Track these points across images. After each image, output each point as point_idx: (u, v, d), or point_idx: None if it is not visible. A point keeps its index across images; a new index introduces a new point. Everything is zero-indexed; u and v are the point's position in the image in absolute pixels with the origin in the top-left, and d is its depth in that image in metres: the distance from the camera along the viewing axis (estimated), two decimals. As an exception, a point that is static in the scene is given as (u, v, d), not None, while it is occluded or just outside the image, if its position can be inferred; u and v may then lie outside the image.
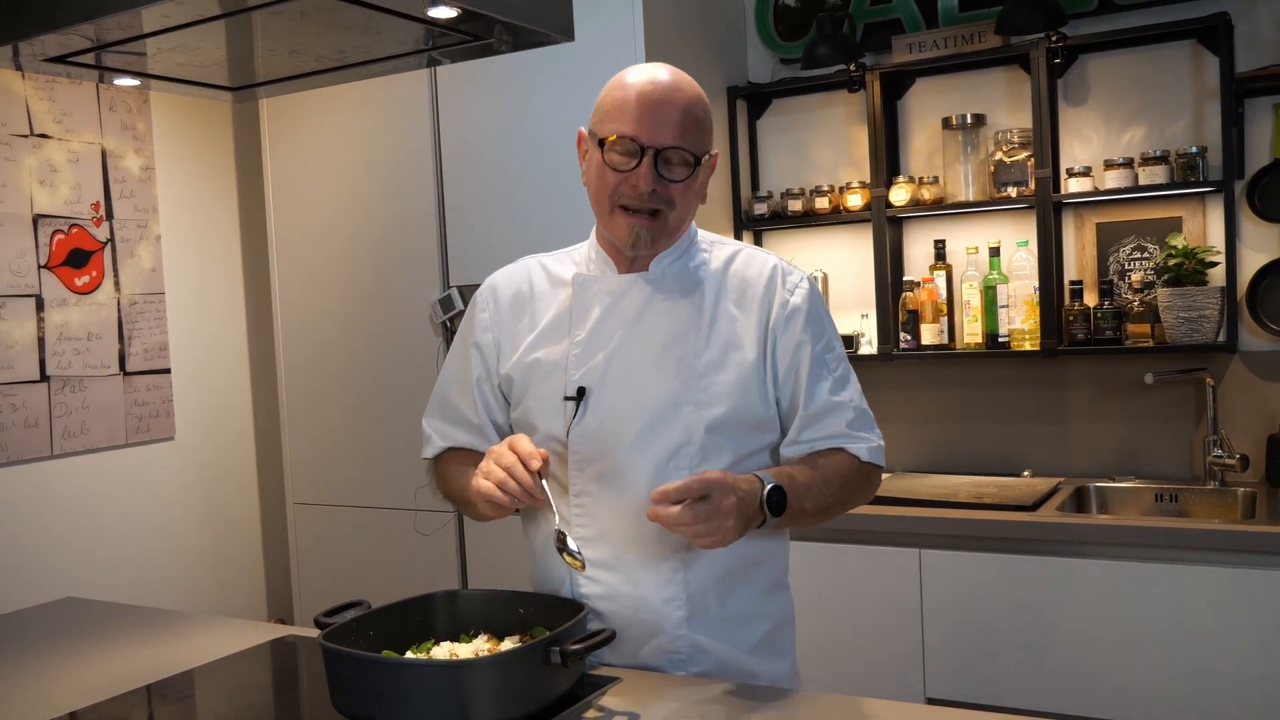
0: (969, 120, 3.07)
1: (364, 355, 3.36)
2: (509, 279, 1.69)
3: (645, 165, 1.49)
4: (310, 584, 3.54)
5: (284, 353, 3.54)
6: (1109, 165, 2.87)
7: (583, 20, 2.06)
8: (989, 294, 3.02)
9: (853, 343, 3.19)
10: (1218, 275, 2.81)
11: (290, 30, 1.67)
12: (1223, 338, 2.78)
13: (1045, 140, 2.91)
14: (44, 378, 3.16)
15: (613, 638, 1.36)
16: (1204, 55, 2.86)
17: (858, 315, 3.24)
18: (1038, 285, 2.95)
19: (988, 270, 3.04)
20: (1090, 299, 2.98)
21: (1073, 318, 2.91)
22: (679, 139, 1.50)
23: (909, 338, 3.11)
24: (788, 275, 1.60)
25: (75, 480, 3.25)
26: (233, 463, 3.76)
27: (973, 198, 3.06)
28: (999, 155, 3.01)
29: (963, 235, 3.15)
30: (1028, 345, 2.96)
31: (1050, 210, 2.91)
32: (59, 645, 1.86)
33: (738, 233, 3.32)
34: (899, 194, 3.10)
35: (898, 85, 3.22)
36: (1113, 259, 2.99)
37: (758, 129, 3.41)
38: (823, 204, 3.21)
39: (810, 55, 3.13)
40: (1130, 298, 2.90)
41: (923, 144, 3.22)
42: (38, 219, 3.16)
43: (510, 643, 1.43)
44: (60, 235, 3.22)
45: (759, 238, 3.38)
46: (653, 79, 1.52)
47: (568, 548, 1.46)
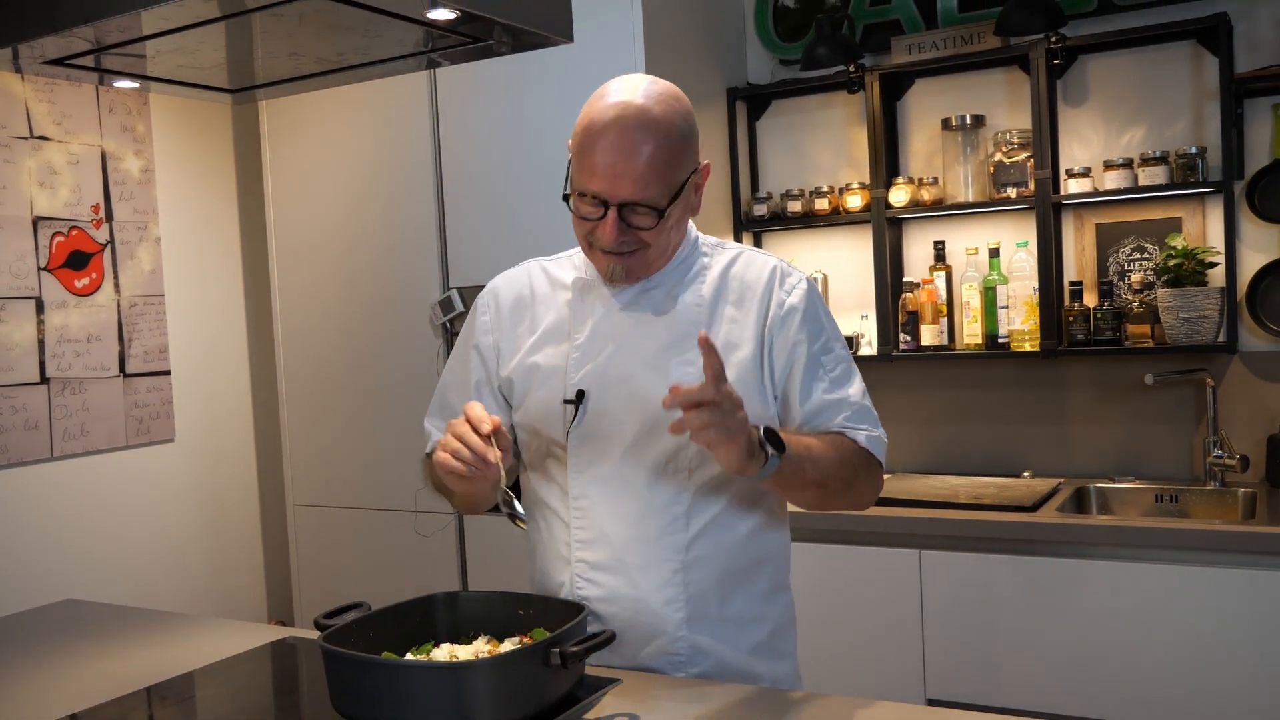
0: (968, 121, 3.07)
1: (364, 356, 3.36)
2: (510, 283, 1.70)
3: (610, 219, 1.47)
4: (310, 586, 3.54)
5: (284, 354, 3.54)
6: (1108, 166, 2.87)
7: (582, 22, 2.07)
8: (989, 295, 3.02)
9: (853, 344, 3.19)
10: (1217, 276, 2.81)
11: (289, 32, 1.67)
12: (1223, 338, 2.78)
13: (1045, 141, 2.91)
14: (44, 380, 3.16)
15: (612, 639, 1.36)
16: (1203, 56, 2.86)
17: (857, 316, 3.24)
18: (1037, 286, 2.95)
19: (987, 271, 3.04)
20: (1090, 300, 2.98)
21: (1072, 318, 2.91)
22: (640, 193, 1.45)
23: (909, 339, 3.11)
24: (786, 276, 1.59)
25: (75, 482, 3.25)
26: (233, 464, 3.76)
27: (972, 198, 3.06)
28: (998, 156, 3.01)
29: (962, 236, 3.15)
30: (1027, 346, 2.96)
31: (1050, 211, 2.91)
32: (59, 647, 1.86)
33: (737, 234, 3.32)
34: (898, 195, 3.10)
35: (897, 86, 3.22)
36: (1112, 260, 2.99)
37: (757, 130, 3.41)
38: (822, 205, 3.21)
39: (810, 56, 3.13)
40: (1130, 298, 2.90)
41: (922, 145, 3.22)
42: (37, 221, 3.16)
43: (510, 644, 1.43)
44: (60, 237, 3.22)
45: (758, 239, 3.38)
46: (620, 119, 1.44)
47: (514, 510, 1.44)
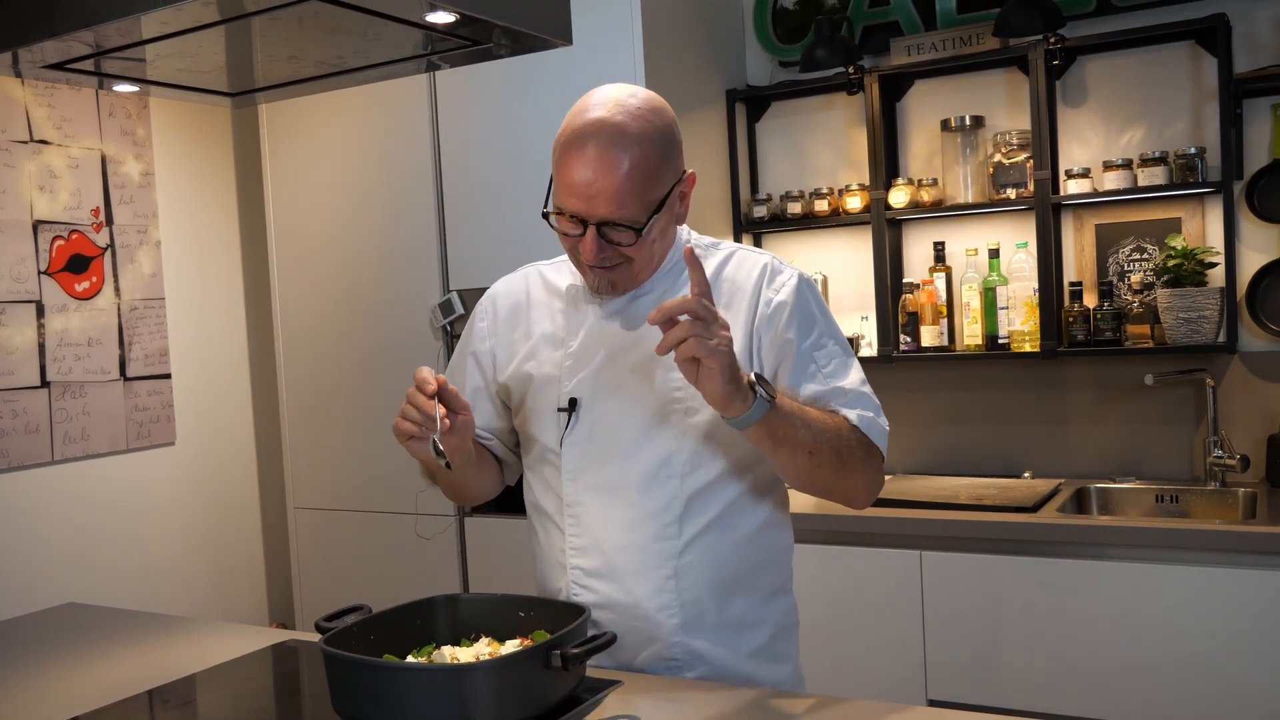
0: (968, 122, 3.07)
1: (364, 359, 3.36)
2: (508, 289, 1.71)
3: (590, 237, 1.46)
4: (311, 588, 3.53)
5: (284, 356, 3.54)
6: (1108, 166, 2.87)
7: (581, 24, 2.07)
8: (988, 295, 3.02)
9: (853, 345, 3.17)
10: (1217, 276, 2.81)
11: (289, 36, 1.67)
12: (1222, 338, 2.78)
13: (1044, 142, 2.91)
14: (44, 383, 3.17)
15: (613, 641, 1.36)
16: (1202, 56, 2.86)
17: (858, 317, 3.24)
18: (1037, 287, 2.95)
19: (987, 272, 3.05)
20: (1090, 300, 2.98)
21: (1072, 319, 2.92)
22: (617, 212, 1.44)
23: (909, 340, 3.11)
24: (776, 274, 1.57)
25: (76, 486, 3.25)
26: (234, 467, 3.76)
27: (972, 199, 3.06)
28: (998, 157, 3.02)
29: (962, 237, 3.15)
30: (1027, 347, 2.96)
31: (1049, 212, 2.91)
32: (60, 651, 1.86)
33: (737, 236, 3.32)
34: (898, 196, 3.10)
35: (896, 87, 3.22)
36: (1112, 260, 2.99)
37: (756, 132, 3.42)
38: (822, 206, 3.22)
39: (809, 58, 3.13)
40: (1130, 299, 2.90)
41: (922, 146, 3.22)
42: (38, 225, 3.16)
43: (511, 646, 1.43)
44: (60, 241, 3.22)
45: (758, 240, 3.39)
46: (595, 137, 1.44)
47: (438, 450, 1.43)
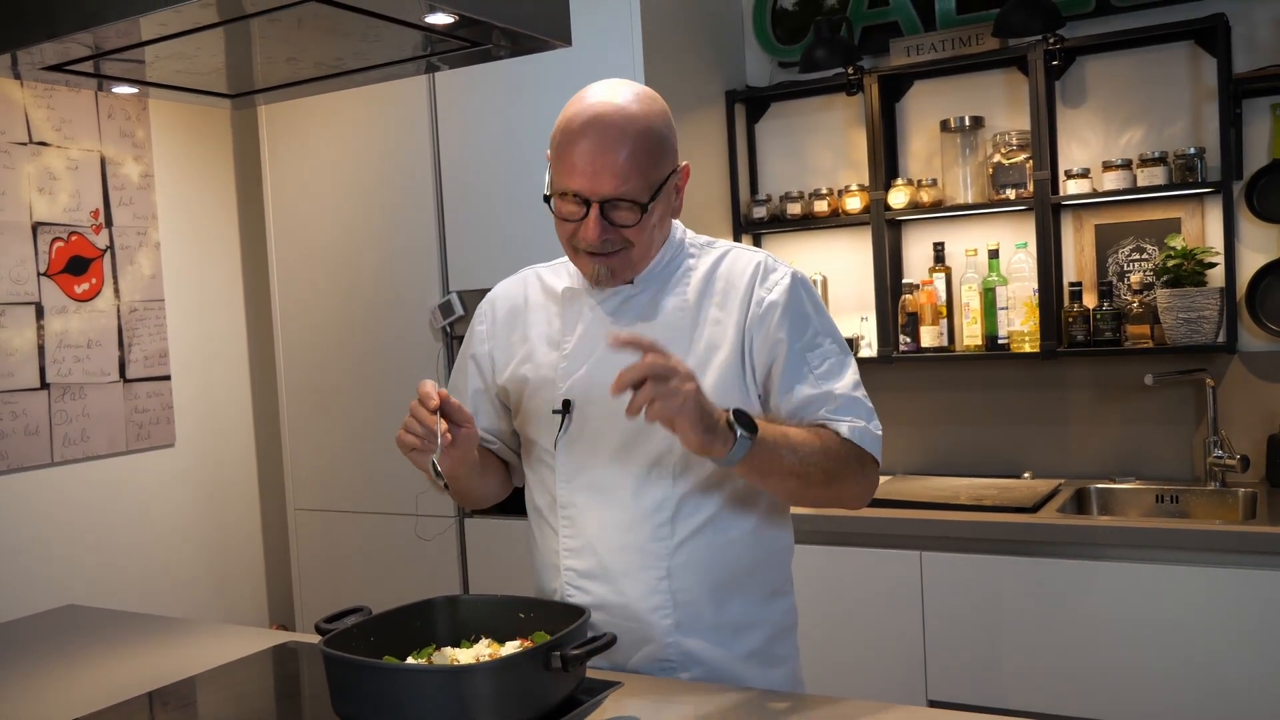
0: (967, 123, 3.07)
1: (364, 360, 3.36)
2: (506, 292, 1.71)
3: (592, 217, 1.47)
4: (312, 590, 3.53)
5: (284, 358, 3.54)
6: (1107, 167, 2.87)
7: (581, 25, 2.07)
8: (988, 296, 3.02)
9: (852, 345, 3.19)
10: (1217, 276, 2.81)
11: (288, 37, 1.67)
12: (1222, 338, 2.78)
13: (1044, 142, 2.91)
14: (44, 385, 3.16)
15: (613, 642, 1.36)
16: (1202, 56, 2.86)
17: (857, 318, 3.24)
18: (1037, 287, 2.95)
19: (987, 272, 3.05)
20: (1089, 300, 2.98)
21: (1072, 319, 2.92)
22: (621, 187, 1.45)
23: (909, 340, 3.11)
24: (770, 272, 1.56)
25: (76, 488, 3.25)
26: (233, 469, 3.76)
27: (971, 200, 3.06)
28: (997, 157, 3.02)
29: (962, 237, 3.15)
30: (1027, 347, 2.96)
31: (1049, 212, 2.91)
32: (60, 653, 1.86)
33: (736, 236, 3.32)
34: (898, 196, 3.10)
35: (896, 88, 3.22)
36: (1112, 260, 2.99)
37: (756, 132, 3.42)
38: (821, 207, 3.21)
39: (808, 58, 3.13)
40: (1129, 299, 2.90)
41: (921, 146, 3.22)
42: (37, 227, 3.16)
43: (511, 647, 1.43)
44: (60, 243, 3.22)
45: (758, 241, 3.38)
46: (597, 117, 1.46)
47: (436, 470, 1.45)
